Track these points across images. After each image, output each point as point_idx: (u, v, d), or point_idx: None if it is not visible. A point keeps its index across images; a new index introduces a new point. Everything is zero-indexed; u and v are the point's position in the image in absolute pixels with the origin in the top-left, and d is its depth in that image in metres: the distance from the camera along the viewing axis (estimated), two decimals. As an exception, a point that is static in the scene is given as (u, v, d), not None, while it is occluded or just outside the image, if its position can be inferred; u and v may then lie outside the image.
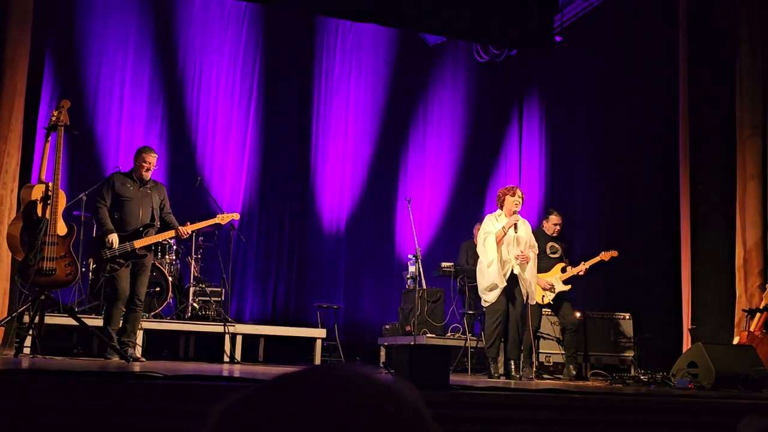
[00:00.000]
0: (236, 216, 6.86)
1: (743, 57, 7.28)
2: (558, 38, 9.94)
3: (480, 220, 7.30)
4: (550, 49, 9.53)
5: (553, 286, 7.21)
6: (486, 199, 10.68)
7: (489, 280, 6.47)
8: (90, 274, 7.46)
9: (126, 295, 6.05)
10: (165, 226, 6.38)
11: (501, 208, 6.69)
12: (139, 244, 6.03)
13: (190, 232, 6.63)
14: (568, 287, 7.29)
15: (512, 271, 6.49)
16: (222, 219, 6.72)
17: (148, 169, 6.23)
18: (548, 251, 7.37)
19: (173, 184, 9.57)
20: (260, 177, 10.10)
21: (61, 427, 2.83)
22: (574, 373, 7.05)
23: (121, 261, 5.98)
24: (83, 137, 8.43)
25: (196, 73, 9.93)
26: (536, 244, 6.76)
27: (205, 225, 6.68)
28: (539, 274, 7.04)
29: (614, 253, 7.46)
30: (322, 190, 10.39)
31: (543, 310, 7.77)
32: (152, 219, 6.21)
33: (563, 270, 7.34)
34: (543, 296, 7.19)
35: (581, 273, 7.36)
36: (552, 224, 7.50)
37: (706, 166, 7.63)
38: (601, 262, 7.45)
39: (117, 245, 5.94)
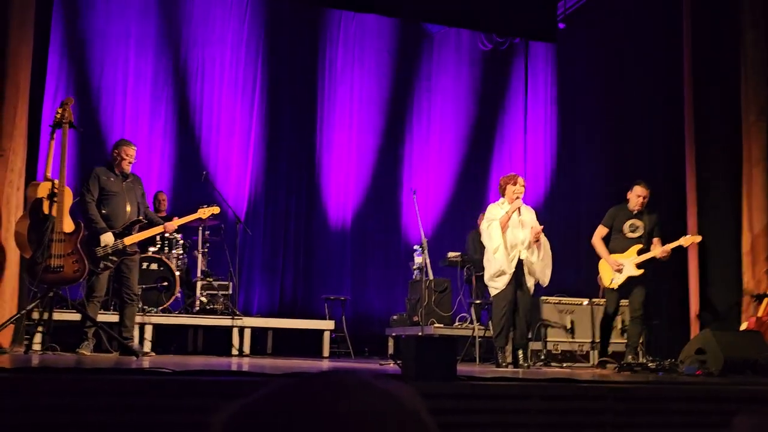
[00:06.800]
0: (216, 210, 6.87)
1: (748, 42, 7.24)
2: (561, 25, 9.93)
3: (484, 209, 7.28)
4: (553, 37, 9.52)
5: (624, 267, 6.65)
6: (491, 187, 10.66)
7: (496, 266, 6.46)
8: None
9: (102, 292, 6.15)
10: (147, 222, 6.40)
11: (503, 195, 6.70)
12: (129, 241, 6.08)
13: (176, 227, 6.74)
14: (640, 272, 6.64)
15: (519, 256, 6.49)
16: (203, 213, 6.75)
17: (129, 163, 6.23)
18: (627, 230, 6.76)
19: (179, 178, 9.60)
20: (266, 169, 10.10)
21: (71, 423, 2.85)
22: (633, 361, 6.54)
23: (114, 259, 6.02)
24: (88, 133, 8.47)
25: (199, 67, 9.92)
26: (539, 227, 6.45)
27: (188, 220, 6.72)
28: (613, 255, 6.68)
29: (698, 238, 6.83)
30: (327, 182, 10.39)
31: (542, 297, 7.69)
32: (138, 214, 6.25)
33: (640, 252, 6.69)
34: (612, 279, 6.68)
35: (663, 258, 6.66)
36: (636, 196, 6.73)
37: (712, 151, 7.60)
38: (680, 247, 6.77)
39: (111, 244, 5.98)
